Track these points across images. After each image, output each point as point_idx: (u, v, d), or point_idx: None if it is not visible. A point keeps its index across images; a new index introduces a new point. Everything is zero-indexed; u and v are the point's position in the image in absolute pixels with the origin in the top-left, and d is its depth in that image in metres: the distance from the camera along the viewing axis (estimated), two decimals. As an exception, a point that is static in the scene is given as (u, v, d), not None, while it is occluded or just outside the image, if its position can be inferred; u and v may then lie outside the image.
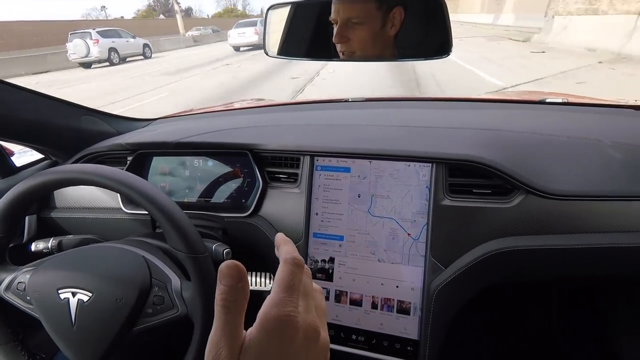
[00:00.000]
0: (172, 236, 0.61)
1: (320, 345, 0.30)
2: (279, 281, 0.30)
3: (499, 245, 0.70)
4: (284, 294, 0.29)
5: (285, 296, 0.29)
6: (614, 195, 0.67)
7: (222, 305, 0.28)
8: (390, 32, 0.75)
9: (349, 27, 0.76)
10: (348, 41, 0.77)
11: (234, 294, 0.28)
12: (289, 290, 0.29)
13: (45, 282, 0.62)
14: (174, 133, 0.95)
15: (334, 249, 0.80)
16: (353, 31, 0.77)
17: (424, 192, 0.75)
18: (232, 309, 0.28)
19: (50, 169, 0.64)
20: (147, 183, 0.63)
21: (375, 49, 0.79)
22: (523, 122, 0.89)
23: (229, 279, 0.28)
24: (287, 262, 0.31)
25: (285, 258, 0.31)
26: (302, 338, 0.28)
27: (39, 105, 0.91)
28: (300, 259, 0.32)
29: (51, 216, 0.98)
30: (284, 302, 0.28)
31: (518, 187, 0.70)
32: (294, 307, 0.28)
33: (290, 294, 0.29)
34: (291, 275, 0.30)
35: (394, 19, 0.74)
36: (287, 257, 0.31)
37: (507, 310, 1.12)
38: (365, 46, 0.79)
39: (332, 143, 0.82)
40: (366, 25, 0.76)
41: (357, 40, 0.77)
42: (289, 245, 0.34)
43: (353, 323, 0.78)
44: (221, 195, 0.90)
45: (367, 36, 0.77)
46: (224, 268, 0.28)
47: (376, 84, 6.87)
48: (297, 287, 0.30)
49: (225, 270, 0.28)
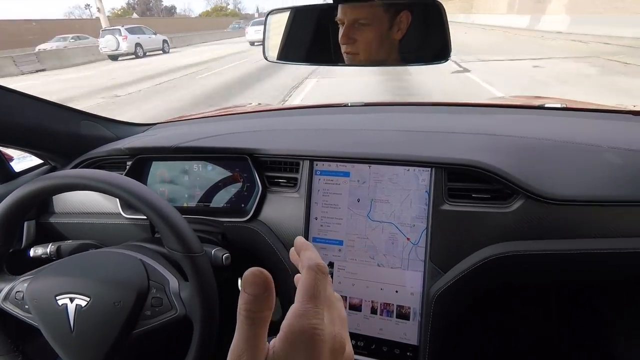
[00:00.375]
0: (168, 236, 0.61)
1: (346, 357, 0.29)
2: (303, 290, 0.28)
3: (498, 250, 0.70)
4: (309, 304, 0.27)
5: (310, 307, 0.27)
6: (613, 200, 0.67)
7: (245, 316, 0.26)
8: (396, 36, 0.75)
9: (356, 28, 0.76)
10: (354, 42, 0.77)
11: (259, 304, 0.26)
12: (314, 301, 0.27)
13: (43, 289, 0.62)
14: (173, 138, 0.95)
15: (333, 253, 0.79)
16: (360, 32, 0.76)
17: (423, 196, 0.75)
18: (257, 321, 0.26)
19: (49, 174, 0.64)
20: (144, 186, 0.63)
21: (380, 53, 0.79)
22: (522, 127, 0.89)
23: (254, 287, 0.26)
24: (312, 269, 0.29)
25: (310, 265, 0.29)
26: (329, 352, 0.27)
27: (38, 110, 0.91)
28: (325, 266, 0.30)
29: (50, 221, 0.98)
30: (310, 314, 0.27)
31: (517, 192, 0.70)
32: (320, 319, 0.27)
33: (316, 304, 0.27)
34: (316, 284, 0.28)
35: (400, 23, 0.74)
36: (310, 263, 0.29)
37: (506, 314, 1.12)
38: (371, 49, 0.78)
39: (332, 148, 0.82)
40: (373, 26, 0.76)
41: (364, 42, 0.77)
42: (310, 250, 0.32)
43: (352, 328, 0.78)
44: (220, 200, 0.90)
45: (373, 38, 0.77)
46: (249, 275, 0.26)
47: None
48: (323, 297, 0.28)
49: (250, 277, 0.26)
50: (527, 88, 5.86)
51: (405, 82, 7.10)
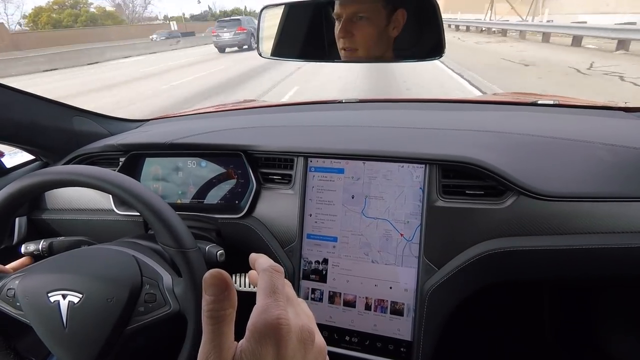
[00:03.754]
0: (161, 232, 0.61)
1: (317, 347, 0.29)
2: (261, 289, 0.29)
3: (491, 246, 0.70)
4: (269, 299, 0.28)
5: (271, 301, 0.28)
6: (605, 196, 0.68)
7: (208, 316, 0.27)
8: (392, 33, 0.75)
9: (354, 22, 0.76)
10: (352, 37, 0.77)
11: (220, 303, 0.27)
12: (273, 295, 0.28)
13: (35, 286, 0.61)
14: (167, 134, 0.94)
15: (327, 250, 0.80)
16: (358, 26, 0.76)
17: (417, 193, 0.75)
18: (220, 319, 0.27)
19: (41, 171, 0.63)
20: (137, 183, 0.62)
21: (377, 49, 0.79)
22: (515, 123, 0.89)
23: (213, 288, 0.27)
24: (266, 270, 0.31)
25: (264, 267, 0.31)
26: (297, 341, 0.27)
27: (29, 105, 0.90)
28: (279, 266, 0.31)
29: (42, 218, 0.97)
30: (271, 307, 0.27)
31: (511, 189, 0.71)
32: (282, 309, 0.28)
33: (276, 298, 0.28)
34: (273, 281, 0.30)
35: (396, 20, 0.74)
36: (264, 266, 0.31)
37: (500, 310, 1.13)
38: (368, 43, 0.78)
39: (326, 144, 0.82)
40: (371, 21, 0.76)
41: (361, 36, 0.77)
42: (263, 257, 0.34)
43: (346, 324, 0.78)
44: (215, 197, 0.90)
45: (371, 32, 0.77)
46: (207, 278, 0.27)
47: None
48: (281, 290, 0.29)
49: (209, 279, 0.27)
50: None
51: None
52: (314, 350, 0.29)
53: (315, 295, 0.80)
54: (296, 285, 0.81)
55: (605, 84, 6.31)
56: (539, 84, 6.56)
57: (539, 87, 6.19)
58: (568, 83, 6.53)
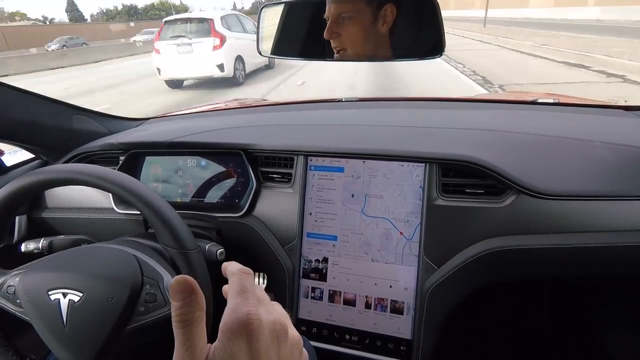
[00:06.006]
0: (162, 232, 0.61)
1: (291, 340, 0.30)
2: (231, 291, 0.30)
3: (491, 245, 0.70)
4: (238, 299, 0.29)
5: (240, 300, 0.29)
6: (605, 195, 0.68)
7: (178, 320, 0.27)
8: (382, 30, 0.75)
9: (340, 22, 0.77)
10: (339, 37, 0.78)
11: (188, 307, 0.27)
12: (242, 295, 0.29)
13: (35, 284, 0.61)
14: (166, 133, 0.94)
15: (327, 249, 0.80)
16: (343, 26, 0.77)
17: (417, 192, 0.75)
18: (190, 322, 0.27)
19: (41, 169, 0.63)
20: (137, 181, 0.62)
21: (367, 47, 0.80)
22: (515, 122, 0.89)
23: (180, 294, 0.28)
24: (235, 273, 0.31)
25: (232, 271, 0.32)
26: (269, 335, 0.28)
27: (28, 104, 0.89)
28: (248, 269, 0.32)
29: (42, 216, 0.97)
30: (240, 305, 0.28)
31: (510, 187, 0.71)
32: (252, 306, 0.28)
33: (245, 297, 0.29)
34: (241, 282, 0.30)
35: (385, 16, 0.74)
36: (233, 270, 0.32)
37: (499, 309, 1.13)
38: (356, 42, 0.79)
39: (326, 143, 0.82)
40: (356, 20, 0.77)
41: (348, 36, 0.78)
42: (233, 263, 0.34)
43: (347, 323, 0.78)
44: (215, 196, 0.90)
45: (357, 31, 0.78)
46: (173, 284, 0.28)
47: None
48: (250, 290, 0.30)
49: (175, 286, 0.28)
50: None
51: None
52: (288, 343, 0.29)
53: (315, 294, 0.80)
54: (296, 284, 0.81)
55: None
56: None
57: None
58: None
